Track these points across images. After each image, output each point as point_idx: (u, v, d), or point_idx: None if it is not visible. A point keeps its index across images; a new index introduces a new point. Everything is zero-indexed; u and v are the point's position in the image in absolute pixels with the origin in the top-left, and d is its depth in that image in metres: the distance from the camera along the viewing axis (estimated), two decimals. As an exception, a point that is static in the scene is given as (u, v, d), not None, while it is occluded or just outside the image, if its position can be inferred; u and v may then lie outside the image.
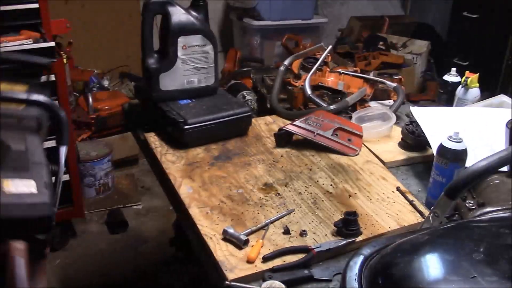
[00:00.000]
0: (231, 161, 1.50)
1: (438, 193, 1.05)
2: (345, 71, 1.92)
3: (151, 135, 1.61)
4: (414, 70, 2.46)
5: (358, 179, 1.43)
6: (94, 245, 2.73)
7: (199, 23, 1.61)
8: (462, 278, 0.70)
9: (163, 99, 1.64)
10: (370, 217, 1.25)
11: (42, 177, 0.91)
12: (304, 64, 1.94)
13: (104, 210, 2.97)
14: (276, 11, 3.60)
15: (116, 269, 2.57)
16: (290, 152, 1.58)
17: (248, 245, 1.13)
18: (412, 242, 0.82)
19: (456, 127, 1.34)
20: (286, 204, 1.30)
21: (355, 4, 4.53)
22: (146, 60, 1.60)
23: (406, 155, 1.58)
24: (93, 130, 3.14)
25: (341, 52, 2.87)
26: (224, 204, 1.29)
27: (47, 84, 2.22)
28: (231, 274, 1.05)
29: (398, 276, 0.74)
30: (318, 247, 1.11)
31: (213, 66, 1.69)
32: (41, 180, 0.90)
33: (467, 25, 3.43)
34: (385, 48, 2.83)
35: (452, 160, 1.26)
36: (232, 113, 1.61)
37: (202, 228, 1.19)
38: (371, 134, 1.66)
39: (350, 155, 1.56)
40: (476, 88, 1.81)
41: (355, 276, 0.81)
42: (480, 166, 0.90)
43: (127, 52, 3.64)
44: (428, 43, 2.77)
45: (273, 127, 1.73)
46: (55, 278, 2.46)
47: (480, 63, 3.21)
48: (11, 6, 2.11)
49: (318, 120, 1.60)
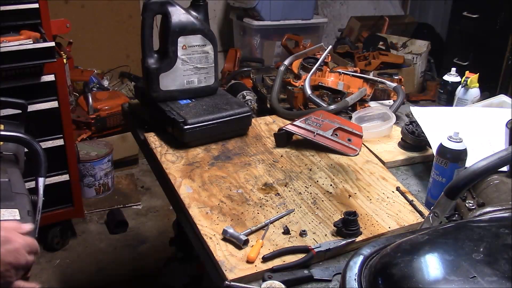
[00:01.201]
0: (231, 161, 1.50)
1: (438, 193, 1.05)
2: (345, 71, 1.92)
3: (151, 135, 1.61)
4: (414, 70, 2.45)
5: (358, 179, 1.43)
6: (94, 245, 2.73)
7: (199, 23, 1.61)
8: (462, 278, 0.70)
9: (163, 99, 1.64)
10: (370, 217, 1.25)
11: (25, 206, 0.99)
12: (304, 64, 1.94)
13: (104, 210, 2.97)
14: (276, 11, 3.60)
15: (116, 269, 2.57)
16: (290, 152, 1.58)
17: (248, 245, 1.13)
18: (412, 242, 0.82)
19: (456, 127, 1.34)
20: (286, 204, 1.30)
21: (355, 4, 4.53)
22: (146, 60, 1.60)
23: (406, 155, 1.58)
24: (93, 130, 3.14)
25: (341, 52, 2.87)
26: (224, 204, 1.28)
27: (46, 85, 2.23)
28: (231, 274, 1.05)
29: (398, 276, 0.74)
30: (318, 247, 1.11)
31: (213, 66, 1.69)
32: (24, 209, 0.98)
33: (467, 25, 3.43)
34: (385, 48, 2.83)
35: (452, 160, 1.26)
36: (232, 113, 1.60)
37: (202, 228, 1.19)
38: (371, 134, 1.66)
39: (350, 155, 1.56)
40: (476, 88, 1.81)
41: (355, 276, 0.81)
42: (480, 166, 0.90)
43: (127, 52, 3.64)
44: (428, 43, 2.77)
45: (273, 127, 1.73)
46: (55, 278, 2.46)
47: (480, 63, 3.21)
48: (11, 6, 2.11)
49: (318, 120, 1.60)
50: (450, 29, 3.74)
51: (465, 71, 1.86)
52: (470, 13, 3.38)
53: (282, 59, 2.31)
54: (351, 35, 3.72)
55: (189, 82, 1.66)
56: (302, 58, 1.98)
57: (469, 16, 3.38)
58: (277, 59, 3.59)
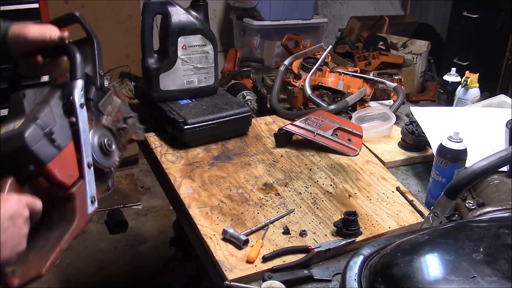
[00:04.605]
0: (231, 161, 1.50)
1: (438, 193, 1.05)
2: (345, 71, 1.92)
3: (151, 135, 1.61)
4: (414, 70, 2.45)
5: (358, 179, 1.43)
6: (94, 245, 2.73)
7: (199, 23, 1.61)
8: (462, 278, 0.70)
9: (163, 99, 1.64)
10: (370, 217, 1.25)
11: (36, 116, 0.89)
12: (304, 64, 1.94)
13: (104, 210, 2.97)
14: (276, 11, 3.59)
15: (116, 269, 2.57)
16: (290, 152, 1.58)
17: (248, 245, 1.13)
18: (412, 242, 0.82)
19: (456, 127, 1.34)
20: (286, 204, 1.30)
21: (355, 4, 4.53)
22: (146, 60, 1.60)
23: (406, 155, 1.58)
24: (93, 130, 3.14)
25: (341, 52, 2.86)
26: (224, 204, 1.28)
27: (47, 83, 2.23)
28: (231, 274, 1.05)
29: (398, 276, 0.74)
30: (318, 247, 1.11)
31: (213, 66, 1.69)
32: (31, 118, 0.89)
33: (467, 25, 3.43)
34: (385, 48, 2.83)
35: (452, 160, 1.26)
36: (232, 113, 1.60)
37: (202, 228, 1.19)
38: (371, 134, 1.66)
39: (350, 155, 1.56)
40: (476, 88, 1.81)
41: (355, 276, 0.81)
42: (480, 166, 0.90)
43: (127, 52, 3.64)
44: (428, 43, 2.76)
45: (273, 127, 1.73)
46: (55, 278, 2.46)
47: (480, 63, 3.21)
48: (11, 6, 2.11)
49: (318, 120, 1.60)
50: (450, 29, 3.74)
51: (465, 71, 1.86)
52: (470, 13, 3.38)
53: (282, 59, 2.31)
54: (351, 35, 3.72)
55: (189, 82, 1.66)
56: (302, 58, 1.98)
57: (469, 16, 3.38)
58: (277, 59, 3.58)
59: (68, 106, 0.96)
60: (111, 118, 1.07)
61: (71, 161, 0.93)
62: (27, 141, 0.84)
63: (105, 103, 1.07)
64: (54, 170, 0.88)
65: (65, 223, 0.91)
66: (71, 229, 0.91)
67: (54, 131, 0.89)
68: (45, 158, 0.87)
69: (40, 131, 0.87)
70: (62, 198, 0.92)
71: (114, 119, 1.08)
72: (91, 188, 0.96)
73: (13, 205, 0.81)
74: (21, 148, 0.85)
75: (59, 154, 0.90)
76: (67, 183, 0.91)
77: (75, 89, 0.97)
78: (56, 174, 0.89)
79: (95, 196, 0.97)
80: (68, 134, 0.94)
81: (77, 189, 0.93)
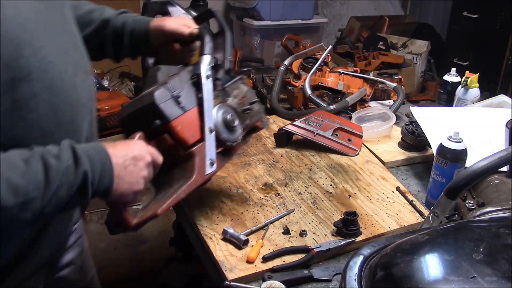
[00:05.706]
0: (231, 161, 1.50)
1: (438, 193, 1.05)
2: (345, 71, 1.92)
3: (151, 135, 1.61)
4: (414, 70, 2.45)
5: (358, 179, 1.43)
6: (94, 245, 2.72)
7: (199, 23, 1.61)
8: (462, 278, 0.70)
9: (163, 99, 1.64)
10: (370, 217, 1.25)
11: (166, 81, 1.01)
12: (304, 64, 1.94)
13: (104, 210, 2.97)
14: (276, 11, 3.59)
15: (116, 269, 2.57)
16: (290, 152, 1.58)
17: (248, 245, 1.13)
18: (412, 242, 0.82)
19: (456, 127, 1.34)
20: (286, 204, 1.30)
21: (355, 4, 4.53)
22: (146, 60, 1.60)
23: (406, 155, 1.58)
24: (93, 130, 3.14)
25: (341, 52, 2.86)
26: (224, 204, 1.28)
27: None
28: (231, 274, 1.05)
29: (398, 276, 0.74)
30: (318, 247, 1.11)
31: (213, 66, 1.69)
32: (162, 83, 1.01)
33: (467, 25, 3.42)
34: (385, 48, 2.83)
35: (452, 160, 1.26)
36: (232, 113, 1.60)
37: (202, 228, 1.19)
38: (371, 134, 1.66)
39: (350, 155, 1.56)
40: (476, 88, 1.81)
41: (355, 276, 0.81)
42: (480, 166, 0.90)
43: (127, 52, 3.63)
44: (428, 43, 2.76)
45: (273, 127, 1.73)
46: (55, 278, 2.46)
47: (480, 63, 3.21)
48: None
49: (318, 120, 1.60)
50: (450, 29, 3.74)
51: (465, 71, 1.86)
52: (470, 13, 3.37)
53: (282, 59, 2.30)
54: (351, 35, 3.71)
55: (189, 82, 1.66)
56: (302, 58, 1.99)
57: (469, 16, 3.38)
58: (277, 59, 3.58)
59: (195, 79, 1.06)
60: (236, 101, 1.15)
61: (194, 123, 1.03)
62: (155, 98, 0.97)
63: (232, 87, 1.16)
64: (177, 128, 0.99)
65: (185, 179, 1.01)
66: (189, 182, 1.00)
67: (180, 95, 1.01)
68: (170, 115, 0.98)
69: (168, 93, 0.99)
70: (183, 157, 1.02)
71: (240, 102, 1.16)
72: (211, 151, 1.05)
73: (138, 148, 0.90)
74: (150, 104, 0.97)
75: (183, 114, 1.01)
76: (189, 141, 1.01)
77: (202, 62, 1.07)
78: (179, 131, 1.00)
79: (215, 160, 1.06)
80: (193, 100, 1.04)
81: (197, 149, 1.02)
